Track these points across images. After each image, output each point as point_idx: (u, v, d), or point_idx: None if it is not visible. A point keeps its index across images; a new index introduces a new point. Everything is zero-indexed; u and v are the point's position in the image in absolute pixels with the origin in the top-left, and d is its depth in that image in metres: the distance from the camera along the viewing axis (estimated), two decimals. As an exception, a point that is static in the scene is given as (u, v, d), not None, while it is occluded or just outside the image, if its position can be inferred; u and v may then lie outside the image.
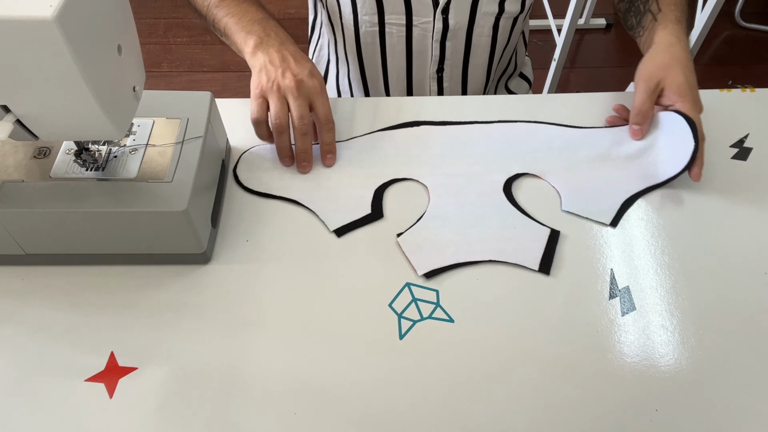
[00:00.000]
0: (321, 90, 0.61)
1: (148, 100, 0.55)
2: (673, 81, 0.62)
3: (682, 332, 0.52)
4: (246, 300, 0.53)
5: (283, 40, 0.64)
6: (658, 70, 0.64)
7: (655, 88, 0.63)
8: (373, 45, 0.79)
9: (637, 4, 0.73)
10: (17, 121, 0.42)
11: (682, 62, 0.63)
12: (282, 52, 0.62)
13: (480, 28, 0.77)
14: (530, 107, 0.72)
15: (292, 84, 0.59)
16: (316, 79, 0.61)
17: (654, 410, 0.47)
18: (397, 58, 0.81)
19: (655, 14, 0.69)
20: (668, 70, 0.63)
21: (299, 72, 0.60)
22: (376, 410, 0.47)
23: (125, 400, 0.47)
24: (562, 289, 0.54)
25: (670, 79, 0.63)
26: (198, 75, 1.95)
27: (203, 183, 0.53)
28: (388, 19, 0.75)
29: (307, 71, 0.61)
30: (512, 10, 0.76)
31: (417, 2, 0.73)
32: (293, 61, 0.61)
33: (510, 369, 0.49)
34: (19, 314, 0.52)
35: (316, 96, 0.61)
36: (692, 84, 0.63)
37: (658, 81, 0.63)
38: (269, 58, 0.61)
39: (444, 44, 0.78)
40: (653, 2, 0.71)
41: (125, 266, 0.55)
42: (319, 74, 0.62)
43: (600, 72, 1.99)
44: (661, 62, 0.64)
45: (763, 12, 2.13)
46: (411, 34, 0.77)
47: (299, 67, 0.61)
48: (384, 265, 0.56)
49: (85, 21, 0.38)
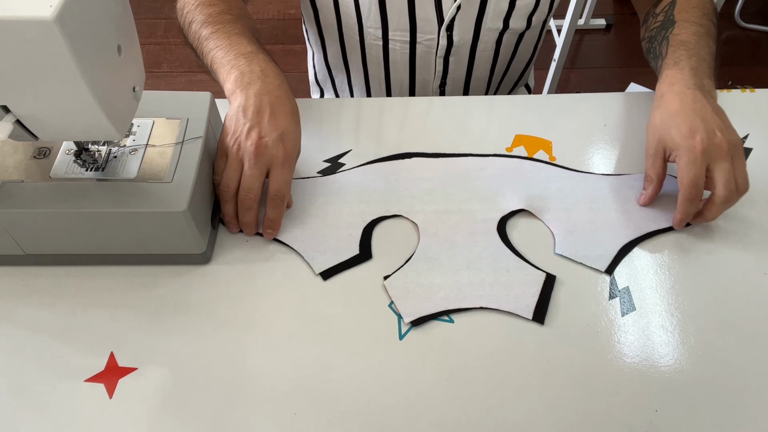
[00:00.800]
0: (284, 160, 0.52)
1: (148, 100, 0.55)
2: (667, 138, 0.57)
3: (681, 332, 0.52)
4: (246, 300, 0.53)
5: (268, 79, 0.55)
6: (652, 132, 0.59)
7: (656, 152, 0.58)
8: (377, 57, 0.79)
9: (654, 46, 0.68)
10: (17, 121, 0.42)
11: (673, 110, 0.57)
12: (261, 98, 0.53)
13: (484, 44, 0.77)
14: (531, 107, 0.72)
15: (252, 149, 0.52)
16: (282, 145, 0.52)
17: (654, 410, 0.47)
18: (400, 72, 0.81)
19: (664, 58, 0.64)
20: (661, 129, 0.58)
21: (267, 133, 0.52)
22: (376, 410, 0.47)
23: (125, 400, 0.47)
24: (562, 289, 0.54)
25: (664, 138, 0.57)
26: (198, 75, 1.95)
27: (203, 183, 0.53)
28: (392, 36, 0.75)
29: (276, 134, 0.52)
30: (517, 27, 0.76)
31: (422, 19, 0.73)
32: (267, 116, 0.53)
33: (509, 369, 0.49)
34: (19, 314, 0.52)
35: (276, 166, 0.52)
36: (687, 128, 0.55)
37: (656, 146, 0.58)
38: (245, 102, 0.53)
39: (447, 60, 0.78)
40: (665, 44, 0.65)
41: (125, 266, 0.55)
42: (293, 139, 0.54)
43: (600, 72, 1.99)
44: (654, 122, 0.59)
45: (763, 12, 2.13)
46: (415, 50, 0.77)
47: (270, 126, 0.52)
48: (385, 265, 0.56)
49: (85, 21, 0.38)
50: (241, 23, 0.63)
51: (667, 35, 0.65)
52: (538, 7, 0.74)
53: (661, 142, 0.58)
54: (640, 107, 0.72)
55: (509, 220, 0.60)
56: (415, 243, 0.57)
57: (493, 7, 0.72)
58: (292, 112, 0.55)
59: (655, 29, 0.69)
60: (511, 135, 0.68)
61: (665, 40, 0.65)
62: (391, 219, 0.60)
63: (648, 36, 0.71)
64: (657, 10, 0.71)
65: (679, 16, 0.66)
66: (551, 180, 0.63)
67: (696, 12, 0.66)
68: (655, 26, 0.69)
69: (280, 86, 0.56)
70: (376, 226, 0.59)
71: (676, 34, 0.64)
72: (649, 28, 0.71)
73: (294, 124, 0.55)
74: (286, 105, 0.55)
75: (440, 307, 0.53)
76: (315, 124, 0.69)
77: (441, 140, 0.67)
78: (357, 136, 0.68)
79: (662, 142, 0.57)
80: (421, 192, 0.61)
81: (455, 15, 0.71)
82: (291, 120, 0.54)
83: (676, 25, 0.65)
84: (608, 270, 0.56)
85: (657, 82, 0.62)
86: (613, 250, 0.57)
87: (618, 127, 0.69)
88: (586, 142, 0.68)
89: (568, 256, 0.57)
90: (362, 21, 0.74)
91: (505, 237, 0.58)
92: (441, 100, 0.73)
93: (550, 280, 0.55)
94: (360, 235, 0.58)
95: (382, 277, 0.55)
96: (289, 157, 0.53)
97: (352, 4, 0.73)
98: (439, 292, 0.53)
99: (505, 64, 0.83)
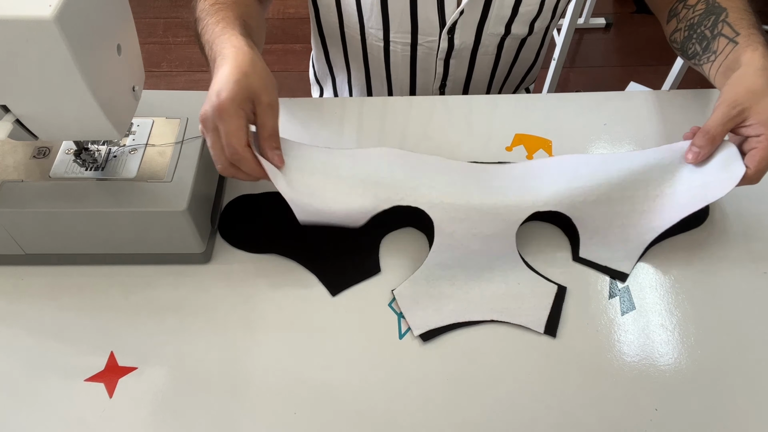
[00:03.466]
0: (220, 113, 0.48)
1: (148, 99, 0.55)
2: (764, 110, 0.53)
3: (681, 331, 0.52)
4: (246, 300, 0.53)
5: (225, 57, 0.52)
6: (747, 94, 0.54)
7: (737, 115, 0.54)
8: (378, 58, 0.79)
9: (700, 30, 0.65)
10: (17, 120, 0.42)
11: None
12: (214, 78, 0.51)
13: (485, 48, 0.77)
14: (531, 106, 0.72)
15: (201, 121, 0.50)
16: (216, 99, 0.48)
17: (654, 409, 0.47)
18: (401, 73, 0.81)
19: (732, 38, 0.60)
20: (760, 97, 0.53)
21: (207, 99, 0.49)
22: (375, 410, 0.47)
23: (125, 399, 0.47)
24: (561, 288, 0.54)
25: (760, 108, 0.53)
26: (198, 75, 1.95)
27: (203, 183, 0.53)
28: (393, 37, 0.75)
29: (213, 93, 0.49)
30: (519, 33, 0.76)
31: (423, 21, 0.73)
32: (212, 84, 0.50)
33: (509, 368, 0.49)
34: (19, 314, 0.52)
35: (217, 122, 0.49)
36: None
37: (743, 108, 0.53)
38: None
39: (448, 62, 0.78)
40: (724, 26, 0.62)
41: (125, 266, 0.55)
42: (228, 88, 0.49)
43: (600, 72, 1.99)
44: (753, 86, 0.54)
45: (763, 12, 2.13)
46: (416, 52, 0.77)
47: (211, 90, 0.49)
48: (385, 265, 0.56)
49: (84, 21, 0.38)
50: (226, 10, 0.59)
51: (723, 19, 0.62)
52: (540, 13, 0.74)
53: (746, 111, 0.53)
54: (640, 107, 0.72)
55: (520, 227, 0.55)
56: (423, 255, 0.55)
57: (495, 12, 0.72)
58: (238, 65, 0.50)
59: (698, 16, 0.66)
60: (510, 134, 0.68)
61: (722, 23, 0.62)
62: (402, 231, 0.58)
63: (685, 25, 0.68)
64: (691, 2, 0.68)
65: (727, 3, 0.64)
66: (580, 167, 0.56)
67: (740, 2, 0.64)
68: (696, 14, 0.66)
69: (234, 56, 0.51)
70: (384, 238, 0.58)
71: (740, 18, 0.61)
72: (684, 18, 0.68)
73: (235, 73, 0.50)
74: (231, 64, 0.50)
75: (450, 320, 0.52)
76: (316, 122, 0.69)
77: (441, 139, 0.67)
78: (358, 136, 0.68)
79: (754, 110, 0.53)
80: (441, 183, 0.55)
81: (457, 18, 0.71)
82: (231, 72, 0.50)
83: (730, 10, 0.63)
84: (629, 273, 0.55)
85: (737, 51, 0.59)
86: (638, 248, 0.56)
87: (618, 126, 0.69)
88: (586, 142, 0.68)
89: (592, 260, 0.56)
90: (364, 22, 0.74)
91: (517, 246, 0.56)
92: (442, 99, 0.73)
93: (562, 292, 0.53)
94: (366, 219, 0.54)
95: (383, 277, 0.55)
96: (224, 106, 0.48)
97: (354, 4, 0.73)
98: (449, 304, 0.52)
99: (506, 68, 0.83)
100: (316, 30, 0.84)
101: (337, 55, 0.85)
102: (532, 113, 0.71)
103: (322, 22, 0.81)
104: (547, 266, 0.56)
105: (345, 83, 0.89)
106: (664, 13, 0.74)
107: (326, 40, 0.84)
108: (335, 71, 0.89)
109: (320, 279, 0.55)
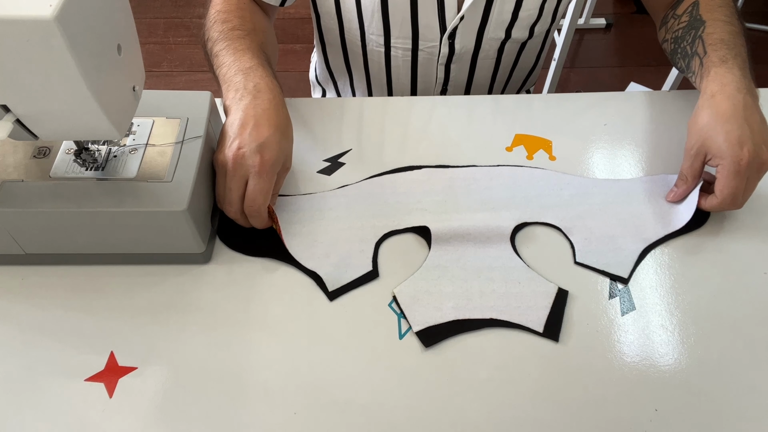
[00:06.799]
0: (260, 170, 0.51)
1: (148, 99, 0.55)
2: (713, 143, 0.54)
3: (681, 332, 0.52)
4: (246, 300, 0.53)
5: (260, 94, 0.55)
6: (699, 133, 0.56)
7: (696, 155, 0.57)
8: (379, 63, 0.79)
9: (683, 45, 0.66)
10: (17, 120, 0.42)
11: (724, 115, 0.54)
12: (247, 112, 0.53)
13: (485, 52, 0.77)
14: (531, 106, 0.72)
15: (230, 160, 0.52)
16: (259, 155, 0.51)
17: (654, 410, 0.47)
18: (401, 78, 0.81)
19: (701, 57, 0.61)
20: (709, 130, 0.55)
21: (246, 144, 0.51)
22: (375, 409, 0.47)
23: (125, 399, 0.47)
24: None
25: (711, 142, 0.55)
26: (198, 75, 1.95)
27: (203, 183, 0.53)
28: (394, 43, 0.75)
29: (255, 145, 0.51)
30: (519, 37, 0.76)
31: (424, 27, 0.73)
32: (250, 128, 0.52)
33: (509, 368, 0.49)
34: (19, 314, 0.52)
35: (252, 176, 0.52)
36: (736, 138, 0.53)
37: (699, 147, 0.56)
38: (233, 117, 0.54)
39: (449, 67, 0.78)
40: (698, 43, 0.62)
41: (125, 266, 0.55)
42: (273, 149, 0.52)
43: (600, 72, 1.99)
44: (702, 121, 0.56)
45: (763, 12, 2.13)
46: (417, 57, 0.77)
47: (250, 137, 0.52)
48: (383, 269, 0.56)
49: (84, 21, 0.38)
50: (249, 38, 0.62)
51: (699, 35, 0.63)
52: (540, 17, 0.74)
53: (705, 145, 0.56)
54: (640, 107, 0.72)
55: (519, 231, 0.59)
56: (422, 258, 0.56)
57: (495, 17, 0.72)
58: (278, 124, 0.54)
59: (681, 29, 0.67)
60: (511, 134, 0.68)
61: (698, 39, 0.63)
62: (400, 234, 0.59)
63: (672, 37, 0.69)
64: (678, 12, 0.69)
65: (707, 15, 0.64)
66: (563, 188, 0.62)
67: (724, 11, 0.64)
68: (680, 27, 0.67)
69: (270, 100, 0.55)
70: (383, 242, 0.58)
71: (710, 33, 0.62)
72: (671, 29, 0.69)
73: (277, 135, 0.53)
74: (272, 118, 0.54)
75: (449, 317, 0.52)
76: (316, 123, 0.69)
77: (442, 139, 0.67)
78: (358, 136, 0.68)
79: (706, 146, 0.55)
80: (432, 204, 0.60)
81: (458, 24, 0.71)
82: (274, 131, 0.53)
83: (707, 24, 0.63)
84: (628, 278, 0.55)
85: (701, 79, 0.60)
86: (633, 255, 0.56)
87: (618, 127, 0.69)
88: (586, 142, 0.68)
89: (590, 264, 0.56)
90: (364, 28, 0.75)
91: (515, 247, 0.57)
92: (442, 99, 0.73)
93: (563, 294, 0.54)
94: (372, 251, 0.57)
95: (382, 279, 0.55)
96: (266, 167, 0.52)
97: (355, 11, 0.73)
98: (449, 302, 0.53)
99: (507, 72, 0.83)
100: (318, 35, 0.84)
101: (337, 61, 0.85)
102: (532, 113, 0.71)
103: (322, 27, 0.81)
104: (548, 267, 0.56)
105: (348, 86, 0.89)
106: (658, 20, 0.74)
107: (326, 46, 0.85)
108: (336, 76, 0.90)
109: (318, 285, 0.55)
